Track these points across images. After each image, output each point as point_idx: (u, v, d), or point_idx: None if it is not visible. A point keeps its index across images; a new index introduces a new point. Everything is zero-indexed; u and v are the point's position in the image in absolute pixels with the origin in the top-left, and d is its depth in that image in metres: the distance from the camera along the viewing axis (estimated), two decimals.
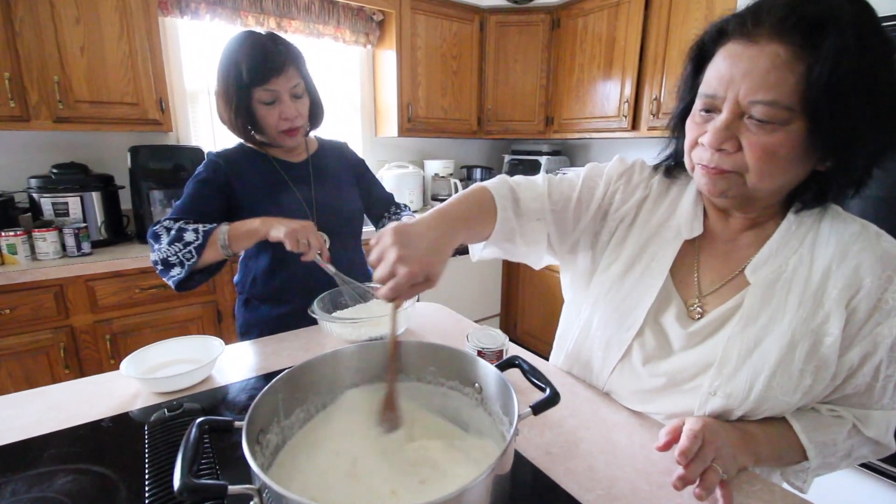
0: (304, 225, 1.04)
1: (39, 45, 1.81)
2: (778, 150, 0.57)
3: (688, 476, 0.58)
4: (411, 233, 0.61)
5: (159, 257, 1.05)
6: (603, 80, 2.73)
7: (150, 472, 0.64)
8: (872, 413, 0.67)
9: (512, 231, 0.78)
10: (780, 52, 0.54)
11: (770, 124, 0.56)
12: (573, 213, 0.82)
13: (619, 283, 0.78)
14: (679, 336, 0.72)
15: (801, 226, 0.67)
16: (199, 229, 1.05)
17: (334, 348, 0.69)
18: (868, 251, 0.63)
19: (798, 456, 0.67)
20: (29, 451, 0.69)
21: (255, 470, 0.42)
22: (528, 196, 0.80)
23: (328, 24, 2.69)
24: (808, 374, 0.63)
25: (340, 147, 1.39)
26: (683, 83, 0.70)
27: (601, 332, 0.80)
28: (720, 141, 0.60)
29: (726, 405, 0.66)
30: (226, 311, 2.15)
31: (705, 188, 0.65)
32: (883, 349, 0.62)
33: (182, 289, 1.08)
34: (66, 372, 1.85)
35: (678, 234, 0.75)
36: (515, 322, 3.19)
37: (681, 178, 0.80)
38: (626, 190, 0.81)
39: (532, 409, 0.56)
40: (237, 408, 0.82)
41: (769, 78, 0.55)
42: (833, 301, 0.62)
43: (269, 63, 1.06)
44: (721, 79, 0.59)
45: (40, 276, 1.75)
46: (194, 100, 2.48)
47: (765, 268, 0.67)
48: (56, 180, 1.95)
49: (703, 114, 0.63)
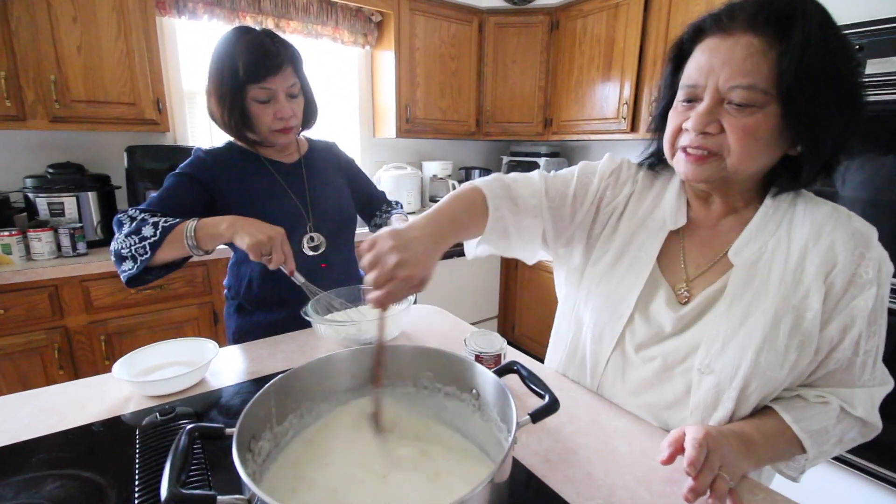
0: (271, 236, 0.96)
1: (36, 44, 1.80)
2: (757, 131, 0.62)
3: (698, 487, 0.57)
4: (407, 237, 0.63)
5: (114, 248, 1.00)
6: (602, 82, 2.73)
7: (141, 479, 0.62)
8: (857, 391, 0.69)
9: (506, 228, 0.80)
10: (755, 42, 0.60)
11: (749, 107, 0.61)
12: (569, 208, 0.85)
13: (608, 275, 0.82)
14: (669, 320, 0.75)
15: (778, 210, 0.71)
16: (159, 224, 0.98)
17: (329, 352, 0.68)
18: (840, 230, 0.67)
19: (795, 450, 0.68)
20: (17, 455, 0.68)
21: (246, 480, 0.41)
22: (526, 193, 0.82)
23: (326, 24, 2.68)
24: (792, 348, 0.66)
25: (330, 147, 1.37)
26: (664, 82, 0.75)
27: (594, 323, 0.83)
28: (704, 124, 0.64)
29: (717, 383, 0.68)
30: (222, 312, 2.13)
31: (687, 175, 0.69)
32: (860, 322, 0.65)
33: (134, 284, 1.02)
34: (61, 373, 1.84)
35: (663, 225, 0.80)
36: (513, 324, 3.18)
37: (664, 173, 0.84)
38: (616, 185, 0.85)
39: (531, 416, 0.55)
40: (231, 411, 0.81)
41: (746, 65, 0.60)
42: (811, 277, 0.66)
43: (267, 61, 1.04)
44: (701, 69, 0.65)
45: (35, 276, 1.73)
46: (191, 100, 2.47)
47: (746, 250, 0.71)
48: (52, 180, 1.94)
49: (686, 104, 0.68)
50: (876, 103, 1.52)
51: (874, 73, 1.50)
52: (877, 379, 0.70)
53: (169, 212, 1.05)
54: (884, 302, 0.67)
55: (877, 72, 1.49)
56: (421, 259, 0.62)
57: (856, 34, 1.52)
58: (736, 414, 0.69)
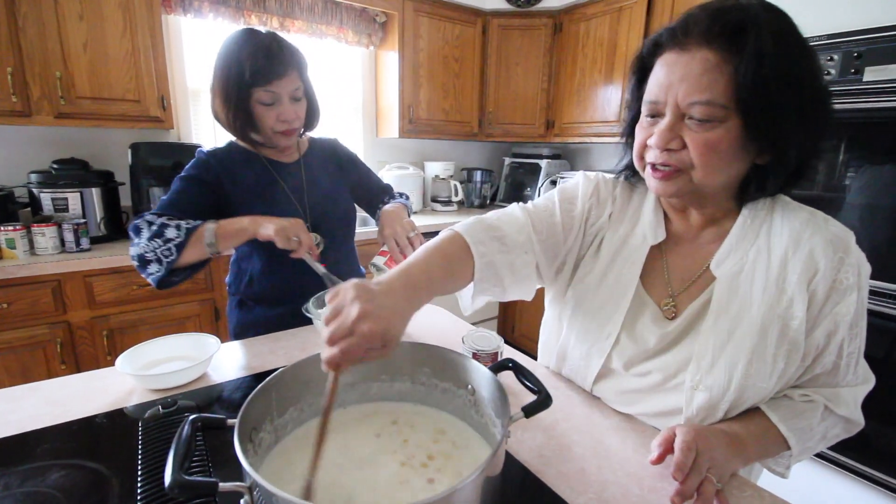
0: (293, 222, 1.04)
1: (42, 40, 1.81)
2: (718, 145, 0.62)
3: (685, 490, 0.58)
4: (375, 290, 0.55)
5: (136, 252, 1.03)
6: (604, 85, 2.74)
7: (143, 469, 0.64)
8: (840, 391, 0.71)
9: (497, 271, 0.75)
10: (710, 57, 0.60)
11: (709, 122, 0.61)
12: (558, 237, 0.82)
13: (594, 294, 0.81)
14: (657, 337, 0.75)
15: (756, 219, 0.71)
16: (182, 226, 1.02)
17: None
18: (818, 235, 0.67)
19: (780, 447, 0.70)
20: (23, 445, 0.69)
21: (246, 467, 0.42)
22: (512, 230, 0.78)
23: (331, 24, 2.70)
24: (780, 357, 0.66)
25: (332, 143, 1.37)
26: (630, 94, 0.75)
27: (581, 342, 0.83)
28: (666, 141, 0.64)
29: (710, 398, 0.68)
30: (223, 308, 2.14)
31: (657, 190, 0.69)
32: (843, 327, 0.66)
33: (163, 287, 1.05)
34: (63, 367, 1.85)
35: (644, 240, 0.79)
36: (513, 325, 3.19)
37: (639, 186, 0.84)
38: (598, 205, 0.84)
39: (524, 411, 0.56)
40: (232, 406, 0.82)
41: (703, 80, 0.60)
42: (794, 285, 0.66)
43: (273, 65, 1.06)
44: (661, 85, 0.65)
45: (38, 271, 1.75)
46: (196, 98, 2.49)
47: (727, 261, 0.71)
48: (56, 176, 1.95)
49: (649, 119, 0.68)
50: (874, 111, 1.53)
51: (872, 81, 1.51)
52: (859, 378, 0.72)
53: (182, 214, 1.08)
54: (864, 305, 0.68)
55: (875, 79, 1.51)
56: (386, 315, 0.52)
57: (854, 42, 1.53)
58: (726, 419, 0.70)
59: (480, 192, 3.45)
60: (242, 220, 1.05)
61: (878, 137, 1.55)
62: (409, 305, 0.58)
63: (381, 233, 1.20)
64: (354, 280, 0.55)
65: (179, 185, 1.12)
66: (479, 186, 3.44)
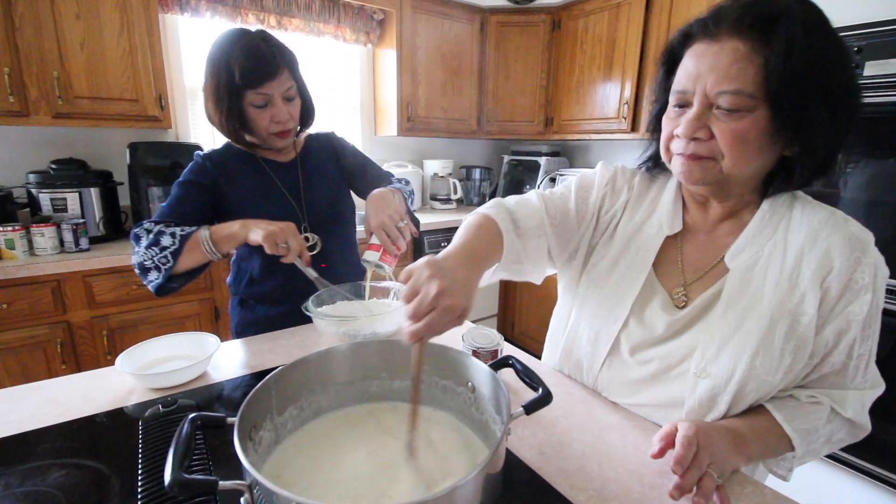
0: (282, 228, 1.01)
1: (39, 40, 1.81)
2: (746, 135, 0.62)
3: (684, 485, 0.58)
4: (445, 265, 0.60)
5: (137, 261, 1.04)
6: (603, 82, 2.73)
7: (144, 468, 0.64)
8: (848, 393, 0.70)
9: (518, 253, 0.80)
10: (740, 47, 0.60)
11: (737, 112, 0.61)
12: (571, 223, 0.85)
13: (605, 279, 0.83)
14: (664, 324, 0.75)
15: (775, 214, 0.71)
16: (177, 233, 1.03)
17: (329, 346, 0.69)
18: (837, 234, 0.67)
19: (784, 447, 0.69)
20: (23, 445, 0.69)
21: (246, 465, 0.42)
22: (526, 214, 0.82)
23: (329, 22, 2.69)
24: (787, 353, 0.66)
25: (328, 138, 1.34)
26: (658, 86, 0.76)
27: (589, 326, 0.84)
28: (693, 130, 0.65)
29: (713, 387, 0.68)
30: (223, 308, 2.15)
31: (684, 177, 0.69)
32: (855, 327, 0.66)
33: (162, 293, 1.06)
34: (63, 367, 1.85)
35: (660, 230, 0.80)
36: (513, 322, 3.19)
37: (660, 177, 0.85)
38: (613, 193, 0.86)
39: (524, 408, 0.56)
40: (232, 404, 0.82)
41: (732, 70, 0.60)
42: (807, 282, 0.66)
43: (263, 66, 1.04)
44: (690, 75, 0.65)
45: (38, 271, 1.75)
46: (194, 97, 2.48)
47: (743, 254, 0.71)
48: (55, 176, 1.95)
49: (677, 109, 0.68)
50: (875, 105, 1.52)
51: (873, 76, 1.51)
52: (868, 382, 0.71)
53: (181, 220, 1.08)
54: (878, 307, 0.67)
55: (876, 74, 1.50)
56: (461, 288, 0.59)
57: (854, 36, 1.53)
58: (729, 415, 0.69)
59: (479, 189, 3.45)
60: (233, 224, 1.04)
61: (879, 132, 1.55)
62: (475, 276, 0.66)
63: (367, 223, 1.12)
64: (423, 259, 0.60)
65: (177, 190, 1.13)
66: (478, 184, 3.44)
